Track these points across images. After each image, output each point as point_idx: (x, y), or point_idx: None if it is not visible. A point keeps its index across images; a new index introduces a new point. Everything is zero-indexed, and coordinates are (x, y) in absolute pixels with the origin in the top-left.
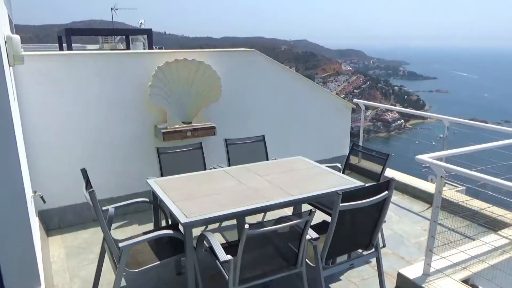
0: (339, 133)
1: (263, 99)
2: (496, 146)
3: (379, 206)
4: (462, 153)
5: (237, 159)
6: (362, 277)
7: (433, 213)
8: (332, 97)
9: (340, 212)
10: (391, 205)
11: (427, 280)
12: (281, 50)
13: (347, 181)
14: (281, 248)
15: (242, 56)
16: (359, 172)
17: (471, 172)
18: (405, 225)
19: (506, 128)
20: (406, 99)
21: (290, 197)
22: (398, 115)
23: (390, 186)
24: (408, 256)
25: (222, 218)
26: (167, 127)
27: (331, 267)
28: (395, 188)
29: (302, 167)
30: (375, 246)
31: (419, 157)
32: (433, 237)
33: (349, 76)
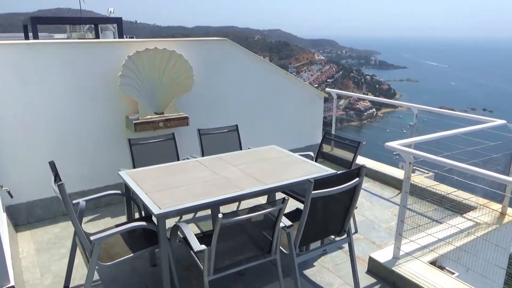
0: (312, 122)
1: (236, 89)
2: (462, 132)
3: (351, 192)
4: (430, 140)
5: (211, 149)
6: (335, 262)
7: (402, 199)
8: (305, 87)
9: (313, 200)
10: (362, 191)
11: (397, 263)
12: (254, 40)
13: (319, 169)
14: (256, 237)
15: (214, 45)
16: (331, 160)
17: (438, 158)
18: (376, 211)
19: (471, 115)
20: (377, 88)
21: (264, 186)
22: (370, 104)
23: (361, 173)
24: (379, 240)
25: (195, 208)
26: (138, 118)
27: (305, 253)
28: (366, 175)
29: (276, 156)
30: (347, 232)
31: (389, 144)
32: (402, 222)
33: (322, 65)
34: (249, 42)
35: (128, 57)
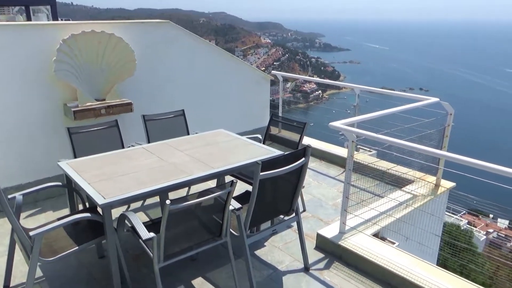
0: (259, 105)
1: (182, 73)
2: (399, 110)
3: (298, 172)
4: (371, 119)
5: (157, 135)
6: (285, 241)
7: (346, 176)
8: (251, 70)
9: (261, 181)
10: (310, 171)
11: (343, 238)
12: (199, 23)
13: (267, 151)
14: (206, 221)
15: (156, 28)
16: (279, 142)
17: (378, 136)
18: (323, 189)
19: (408, 94)
20: (323, 70)
21: (212, 170)
22: (316, 86)
23: (306, 153)
24: (327, 217)
25: (142, 196)
26: (78, 105)
27: (255, 234)
28: (313, 155)
29: (224, 140)
30: (295, 211)
31: (332, 124)
32: (347, 198)
33: (269, 48)
34: (194, 25)
35: (62, 40)
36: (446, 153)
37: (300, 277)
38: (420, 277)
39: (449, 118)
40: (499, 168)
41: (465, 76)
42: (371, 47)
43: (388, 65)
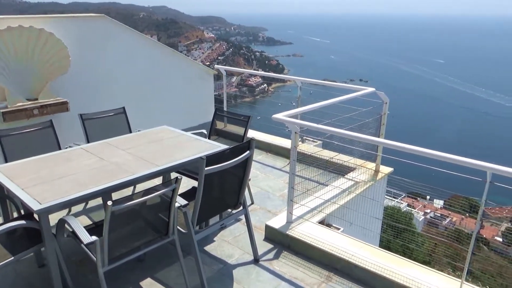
0: (203, 100)
1: (121, 69)
2: (339, 101)
3: (243, 165)
4: (314, 110)
5: (97, 135)
6: (234, 235)
7: (291, 167)
8: (194, 65)
9: (206, 176)
10: (256, 164)
11: (290, 227)
12: (139, 17)
13: (212, 146)
14: (152, 220)
15: (91, 23)
16: (225, 136)
17: (320, 126)
18: (270, 181)
19: (348, 85)
20: (267, 64)
21: (156, 168)
22: (261, 80)
23: (251, 145)
24: (274, 208)
25: (83, 199)
26: (7, 106)
27: (203, 230)
28: (260, 148)
29: (167, 137)
30: (243, 204)
31: (275, 116)
32: (292, 188)
33: (213, 43)
34: (134, 20)
35: None
36: (383, 140)
37: (250, 269)
38: (363, 259)
39: (385, 107)
40: (432, 153)
41: (400, 66)
42: (313, 40)
43: (329, 58)
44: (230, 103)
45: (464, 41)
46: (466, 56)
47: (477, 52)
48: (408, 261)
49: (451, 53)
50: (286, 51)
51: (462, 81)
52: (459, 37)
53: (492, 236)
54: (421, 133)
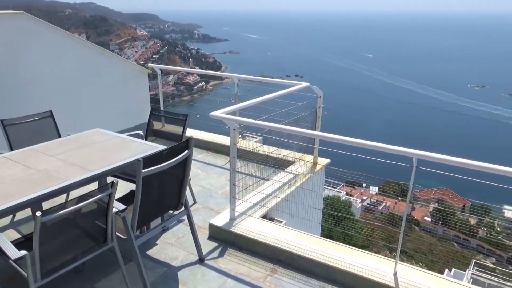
0: (138, 100)
1: (46, 70)
2: (275, 96)
3: (182, 165)
4: (250, 106)
5: (21, 141)
6: (177, 236)
7: (231, 163)
8: (126, 64)
9: (145, 179)
10: (197, 163)
11: (233, 224)
12: (65, 15)
13: (149, 147)
14: (88, 228)
15: (8, 20)
16: (163, 137)
17: (258, 122)
18: (211, 179)
19: (284, 81)
20: (204, 62)
21: (90, 173)
22: (199, 78)
23: (189, 144)
24: (217, 206)
25: (8, 211)
26: None
27: (144, 234)
28: (200, 147)
29: (101, 140)
30: (184, 204)
31: (213, 113)
32: (234, 185)
33: (146, 41)
34: (60, 17)
35: None
36: (319, 133)
37: (195, 269)
38: (306, 249)
39: (319, 100)
40: (364, 143)
41: (333, 61)
42: (249, 37)
43: (266, 54)
44: (168, 103)
45: (391, 37)
46: (392, 51)
47: (403, 47)
48: (348, 247)
49: (379, 48)
50: (222, 48)
51: (389, 74)
52: (387, 33)
53: (422, 217)
54: (354, 125)
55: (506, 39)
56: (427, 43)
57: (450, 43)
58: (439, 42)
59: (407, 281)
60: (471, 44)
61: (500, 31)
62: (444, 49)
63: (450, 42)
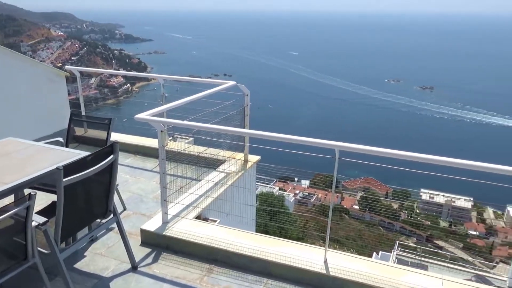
0: (56, 105)
1: None
2: (202, 96)
3: (108, 171)
4: (178, 106)
5: None
6: (107, 245)
7: (160, 166)
8: (40, 66)
9: (67, 188)
10: (125, 168)
11: (167, 228)
12: None
13: (70, 154)
14: (5, 245)
15: None
16: (86, 142)
17: (185, 122)
18: (142, 184)
19: (211, 80)
20: (128, 63)
21: (4, 186)
22: (123, 80)
23: (114, 149)
24: (149, 211)
25: None
26: None
27: (70, 246)
28: (127, 151)
29: (15, 149)
30: (113, 212)
31: (138, 116)
32: (165, 188)
33: (63, 42)
34: None
35: None
36: (248, 130)
37: (128, 278)
38: (241, 246)
39: (246, 98)
40: (290, 138)
41: (261, 60)
42: (174, 37)
43: (193, 54)
44: (91, 107)
45: (316, 35)
46: (317, 49)
47: (327, 44)
48: (282, 240)
49: (305, 46)
50: (147, 49)
51: (314, 70)
52: (312, 31)
53: (351, 205)
54: (283, 121)
55: (420, 36)
56: (350, 41)
57: (371, 41)
58: (360, 40)
59: (337, 267)
60: (388, 41)
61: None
62: (364, 46)
63: (371, 40)
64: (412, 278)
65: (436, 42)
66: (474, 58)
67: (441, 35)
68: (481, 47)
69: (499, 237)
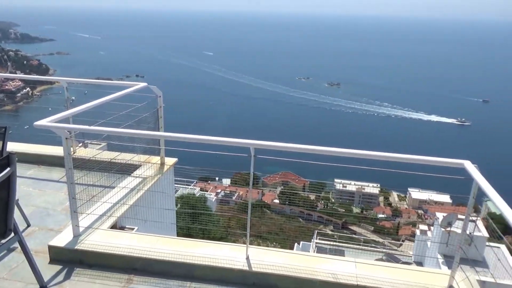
0: None
1: None
2: (111, 99)
3: (5, 186)
4: (85, 111)
5: None
6: (10, 267)
7: (68, 176)
8: None
9: None
10: (27, 180)
11: (79, 241)
12: None
13: None
14: None
15: None
16: None
17: (92, 127)
18: (48, 196)
19: (120, 82)
20: (26, 65)
21: None
22: (22, 83)
23: (11, 161)
24: (57, 225)
25: None
26: None
27: None
28: (29, 161)
29: None
30: (14, 230)
31: (38, 123)
32: (74, 198)
33: None
34: None
35: None
36: (163, 133)
37: None
38: (161, 252)
39: (159, 100)
40: (206, 138)
41: (175, 60)
42: (80, 37)
43: (102, 55)
44: None
45: (231, 35)
46: (232, 49)
47: (242, 44)
48: (204, 242)
49: (219, 46)
50: (48, 49)
51: (230, 70)
52: (227, 32)
53: (271, 200)
54: (200, 121)
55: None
56: (263, 41)
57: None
58: (273, 39)
59: (258, 262)
60: (299, 40)
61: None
62: (276, 45)
63: (283, 39)
64: (329, 265)
65: (341, 43)
66: (377, 57)
67: (347, 36)
68: (383, 47)
69: (403, 218)
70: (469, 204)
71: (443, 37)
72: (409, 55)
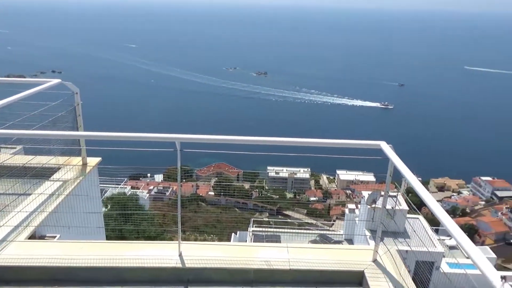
0: None
1: None
2: (19, 98)
3: None
4: None
5: None
6: None
7: None
8: None
9: None
10: None
11: None
12: None
13: None
14: None
15: None
16: None
17: (2, 131)
18: None
19: (30, 79)
20: None
21: None
22: None
23: None
24: None
25: None
26: None
27: None
28: None
29: None
30: None
31: None
32: None
33: None
34: None
35: None
36: (82, 132)
37: None
38: (87, 258)
39: (76, 97)
40: (130, 135)
41: (95, 53)
42: None
43: (11, 50)
44: None
45: (154, 26)
46: (156, 40)
47: (166, 36)
48: (135, 243)
49: (143, 37)
50: None
51: (155, 62)
52: (149, 23)
53: (206, 193)
54: (125, 117)
55: (252, 27)
56: (188, 32)
57: (207, 32)
58: (197, 31)
59: (192, 258)
60: (223, 32)
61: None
62: (200, 37)
63: (208, 31)
64: (263, 253)
65: (267, 33)
66: (304, 47)
67: (274, 26)
68: (312, 38)
69: (333, 199)
70: (386, 182)
71: (377, 26)
72: (341, 45)
